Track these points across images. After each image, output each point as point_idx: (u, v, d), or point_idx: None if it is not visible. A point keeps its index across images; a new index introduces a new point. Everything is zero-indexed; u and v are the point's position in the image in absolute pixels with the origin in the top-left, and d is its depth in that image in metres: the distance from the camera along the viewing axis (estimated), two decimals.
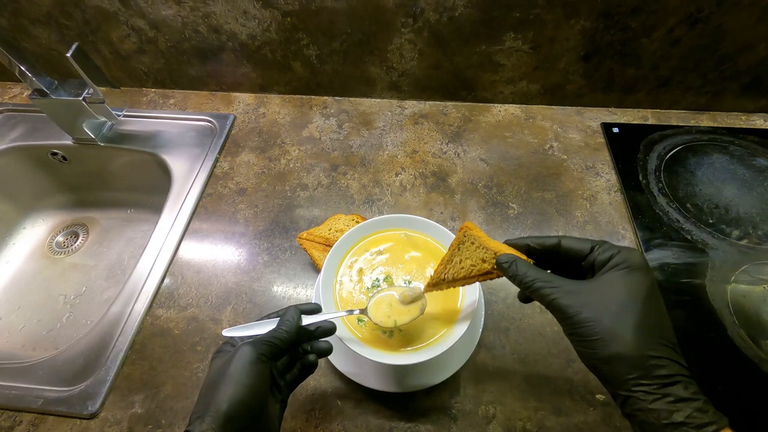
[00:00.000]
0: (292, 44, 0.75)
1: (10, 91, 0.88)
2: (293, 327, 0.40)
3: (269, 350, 0.37)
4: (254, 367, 0.35)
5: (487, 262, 0.38)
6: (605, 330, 0.29)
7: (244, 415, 0.34)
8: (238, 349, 0.37)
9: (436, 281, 0.43)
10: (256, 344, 0.37)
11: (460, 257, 0.40)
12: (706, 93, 0.76)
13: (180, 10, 0.71)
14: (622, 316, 0.29)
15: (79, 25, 0.75)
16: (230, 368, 0.35)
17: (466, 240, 0.40)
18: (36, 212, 0.87)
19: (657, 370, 0.28)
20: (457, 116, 0.81)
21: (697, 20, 0.65)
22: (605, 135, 0.76)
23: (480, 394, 0.50)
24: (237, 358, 0.36)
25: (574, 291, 0.32)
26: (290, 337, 0.39)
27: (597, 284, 0.32)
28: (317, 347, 0.43)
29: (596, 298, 0.31)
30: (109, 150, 0.78)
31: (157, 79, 0.85)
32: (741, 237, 0.62)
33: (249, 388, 0.34)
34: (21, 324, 0.73)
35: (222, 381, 0.34)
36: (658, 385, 0.28)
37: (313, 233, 0.61)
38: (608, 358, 0.29)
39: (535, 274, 0.34)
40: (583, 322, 0.30)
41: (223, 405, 0.33)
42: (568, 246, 0.35)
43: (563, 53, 0.72)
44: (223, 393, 0.34)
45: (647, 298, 0.30)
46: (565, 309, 0.31)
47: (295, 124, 0.80)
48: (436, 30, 0.70)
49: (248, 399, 0.34)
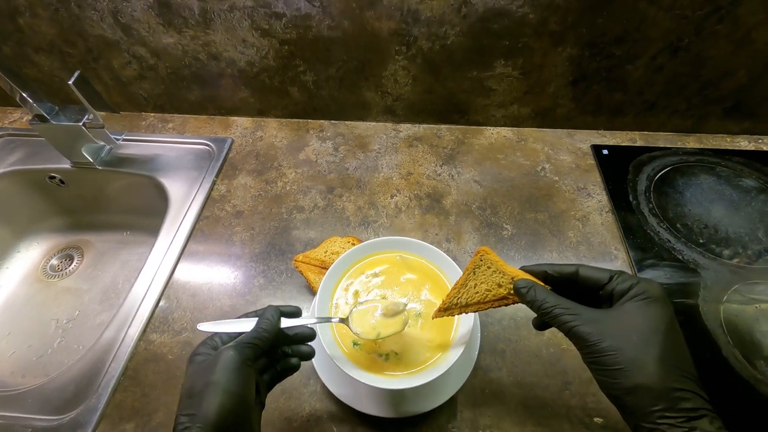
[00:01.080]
0: (289, 70, 0.77)
1: (11, 116, 0.89)
2: (273, 326, 0.39)
3: (253, 353, 0.36)
4: (240, 373, 0.34)
5: (503, 287, 0.38)
6: (628, 360, 0.29)
7: (232, 424, 0.33)
8: (221, 353, 0.35)
9: (447, 306, 0.42)
10: (240, 348, 0.36)
11: (475, 281, 0.40)
12: (691, 116, 0.78)
13: (180, 38, 0.73)
14: (644, 346, 0.30)
15: (81, 53, 0.77)
16: (215, 375, 0.33)
17: (483, 264, 0.40)
18: (31, 235, 0.87)
19: (682, 402, 0.28)
20: (450, 139, 0.83)
21: (678, 48, 0.67)
22: (595, 157, 0.77)
23: (477, 418, 0.50)
24: (222, 365, 0.34)
25: (595, 319, 0.32)
26: (271, 337, 0.38)
27: (617, 314, 0.32)
28: (299, 351, 0.42)
29: (617, 328, 0.31)
30: (107, 173, 0.78)
31: (156, 104, 0.87)
32: (731, 256, 0.63)
33: (237, 396, 0.33)
34: (11, 350, 0.72)
35: (207, 389, 0.33)
36: (684, 419, 0.28)
37: (309, 256, 0.61)
38: (632, 388, 0.29)
39: (555, 300, 0.34)
40: (604, 350, 0.30)
41: (212, 415, 0.32)
42: (587, 275, 0.36)
43: (552, 79, 0.74)
44: (211, 402, 0.32)
45: (669, 330, 0.30)
46: (586, 337, 0.31)
47: (292, 148, 0.82)
48: (429, 57, 0.72)
49: (237, 407, 0.33)
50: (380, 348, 0.47)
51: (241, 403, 0.34)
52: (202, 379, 0.34)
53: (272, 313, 0.40)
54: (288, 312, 0.43)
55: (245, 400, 0.34)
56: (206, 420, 0.31)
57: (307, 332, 0.43)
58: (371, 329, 0.44)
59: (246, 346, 0.36)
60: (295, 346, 0.43)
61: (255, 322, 0.40)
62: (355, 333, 0.44)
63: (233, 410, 0.33)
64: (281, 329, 0.41)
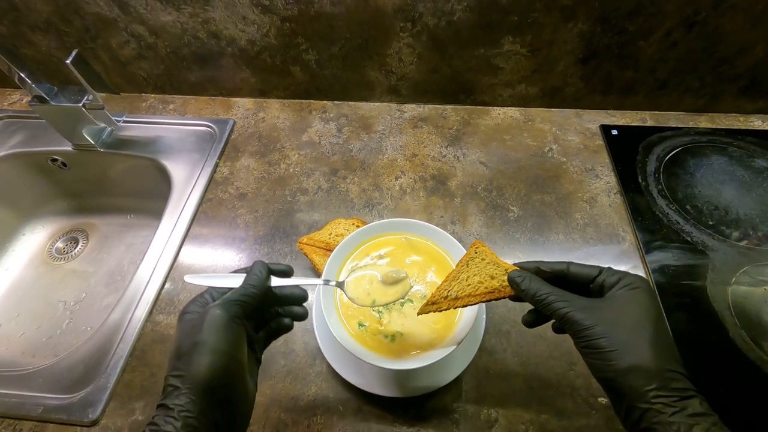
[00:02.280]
0: (291, 49, 0.75)
1: (10, 97, 0.88)
2: (261, 282, 0.38)
3: (241, 310, 0.35)
4: (229, 331, 0.33)
5: (495, 279, 0.38)
6: (622, 342, 0.30)
7: (224, 384, 0.32)
8: (207, 312, 0.34)
9: (436, 299, 0.41)
10: (227, 305, 0.34)
11: (467, 274, 0.40)
12: (704, 95, 0.76)
13: (179, 16, 0.71)
14: (637, 330, 0.31)
15: (78, 31, 0.75)
16: (203, 334, 0.32)
17: (477, 256, 0.40)
18: (35, 218, 0.87)
19: (674, 383, 0.29)
20: (456, 119, 0.81)
21: (694, 23, 0.65)
22: (604, 137, 0.76)
23: (482, 398, 0.50)
24: (209, 323, 0.33)
25: (588, 306, 0.33)
26: (260, 293, 0.37)
27: (609, 302, 0.33)
28: (291, 312, 0.41)
29: (610, 313, 0.32)
30: (109, 156, 0.78)
31: (156, 84, 0.85)
32: (741, 238, 0.62)
33: (227, 355, 0.32)
34: (21, 331, 0.73)
35: (196, 349, 0.32)
36: (677, 398, 0.28)
37: (314, 238, 0.61)
38: (626, 369, 0.29)
39: (548, 288, 0.35)
40: (598, 334, 0.31)
41: (202, 376, 0.31)
42: (577, 271, 0.37)
43: (561, 56, 0.72)
44: (200, 362, 0.31)
45: (657, 317, 0.32)
46: (580, 322, 0.32)
47: (295, 129, 0.81)
48: (434, 34, 0.70)
49: (227, 366, 0.32)
50: (386, 329, 0.47)
51: (232, 361, 0.33)
52: (190, 339, 0.33)
53: (260, 269, 0.39)
54: (278, 270, 0.41)
55: (236, 359, 0.33)
56: (195, 381, 0.31)
57: (298, 293, 0.41)
58: (365, 296, 0.43)
59: (234, 304, 0.35)
60: (288, 306, 0.41)
61: (244, 278, 0.38)
62: (348, 298, 0.43)
63: (223, 369, 0.32)
64: (272, 288, 0.39)
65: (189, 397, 0.30)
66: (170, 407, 0.30)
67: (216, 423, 0.31)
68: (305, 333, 0.55)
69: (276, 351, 0.54)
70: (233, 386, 0.33)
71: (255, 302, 0.36)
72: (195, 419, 0.30)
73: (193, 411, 0.30)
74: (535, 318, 0.39)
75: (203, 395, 0.31)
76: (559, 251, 0.62)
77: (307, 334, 0.55)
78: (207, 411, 0.31)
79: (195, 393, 0.30)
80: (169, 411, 0.30)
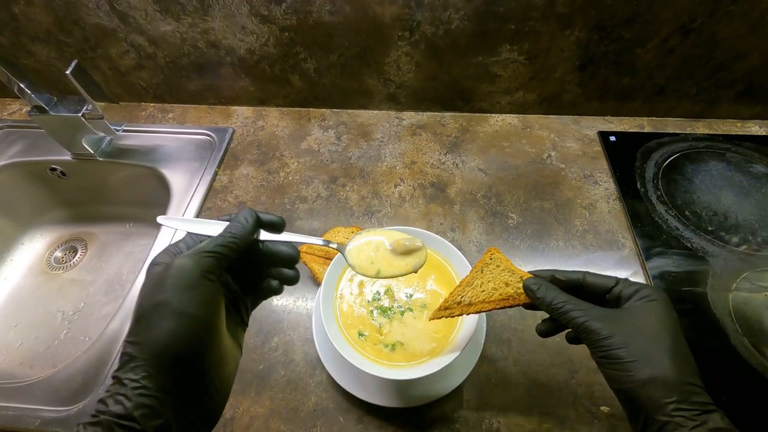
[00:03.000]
0: (290, 58, 0.76)
1: (9, 107, 0.88)
2: (246, 232, 0.31)
3: (216, 264, 0.29)
4: (200, 290, 0.27)
5: (510, 286, 0.38)
6: (641, 353, 0.30)
7: (191, 354, 0.26)
8: (172, 264, 0.27)
9: (449, 304, 0.41)
10: (198, 257, 0.28)
11: (482, 280, 0.40)
12: (701, 101, 0.77)
13: (179, 26, 0.72)
14: (656, 341, 0.30)
15: (78, 42, 0.76)
16: (166, 293, 0.26)
17: (492, 262, 0.40)
18: (34, 228, 0.87)
19: (694, 396, 0.28)
20: (454, 127, 0.81)
21: (690, 30, 0.65)
22: (602, 143, 0.76)
23: (483, 407, 0.50)
24: (173, 278, 0.27)
25: (605, 316, 0.33)
26: (243, 245, 0.31)
27: (626, 312, 0.33)
28: (280, 274, 0.35)
29: (628, 324, 0.32)
30: (108, 165, 0.78)
31: (156, 93, 0.85)
32: (740, 244, 0.62)
33: (195, 318, 0.26)
34: (18, 341, 0.72)
35: (156, 311, 0.26)
36: (698, 411, 0.28)
37: (314, 247, 0.60)
38: (646, 381, 0.29)
39: (565, 297, 0.34)
40: (616, 344, 0.31)
41: (162, 344, 0.25)
42: (593, 281, 0.36)
43: (559, 63, 0.72)
44: (161, 328, 0.25)
45: (676, 330, 0.32)
46: (597, 331, 0.32)
47: (294, 137, 0.81)
48: (432, 43, 0.71)
49: (195, 333, 0.26)
50: (386, 338, 0.46)
51: (202, 327, 0.27)
52: (151, 298, 0.27)
53: (247, 216, 0.32)
54: (267, 221, 0.34)
55: (208, 323, 0.27)
56: (154, 351, 0.25)
57: (286, 252, 0.34)
58: (368, 264, 0.37)
59: (207, 255, 0.28)
60: (279, 269, 0.35)
61: (226, 226, 0.32)
62: (349, 265, 0.37)
63: (190, 336, 0.26)
64: (260, 242, 0.33)
65: (146, 370, 0.25)
66: (123, 382, 0.25)
67: (181, 400, 0.26)
68: (305, 342, 0.55)
69: (275, 361, 0.54)
70: (204, 357, 0.27)
71: (235, 255, 0.30)
72: (152, 398, 0.25)
73: (151, 387, 0.25)
74: (550, 327, 0.38)
75: (164, 368, 0.25)
76: (559, 258, 0.62)
77: (306, 343, 0.55)
78: (169, 387, 0.25)
79: (153, 366, 0.25)
80: (121, 387, 0.25)
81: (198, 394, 0.27)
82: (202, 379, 0.27)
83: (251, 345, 0.55)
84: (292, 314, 0.58)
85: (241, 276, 0.34)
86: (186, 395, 0.26)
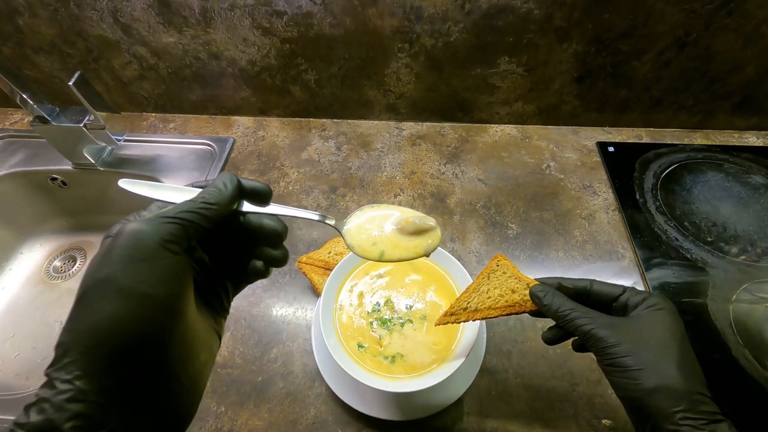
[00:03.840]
0: (290, 69, 0.77)
1: (11, 117, 0.88)
2: (224, 199, 0.25)
3: (181, 233, 0.23)
4: (155, 263, 0.21)
5: (517, 293, 0.38)
6: (649, 362, 0.30)
7: (142, 345, 0.20)
8: (123, 229, 0.22)
9: (455, 310, 0.41)
10: (155, 222, 0.22)
11: (488, 286, 0.40)
12: (698, 112, 0.77)
13: (181, 38, 0.73)
14: (664, 350, 0.30)
15: (81, 53, 0.77)
16: (111, 267, 0.20)
17: (498, 269, 0.41)
18: (34, 237, 0.87)
19: (702, 405, 0.28)
20: (454, 137, 0.82)
21: (685, 43, 0.66)
22: (601, 154, 0.76)
23: (484, 420, 0.49)
24: (122, 248, 0.21)
25: (612, 324, 0.33)
26: (217, 213, 0.25)
27: (633, 321, 0.33)
28: (266, 254, 0.29)
29: (635, 332, 0.32)
30: (109, 174, 0.78)
31: (157, 104, 0.86)
32: (739, 254, 0.62)
33: (147, 298, 0.20)
34: (15, 352, 0.72)
35: (98, 291, 0.20)
36: (706, 421, 0.28)
37: (313, 257, 0.60)
38: (653, 389, 0.29)
39: (572, 304, 0.34)
40: (623, 352, 0.31)
41: (100, 334, 0.19)
42: (599, 289, 0.36)
43: (557, 75, 0.73)
44: (101, 312, 0.19)
45: (683, 339, 0.31)
46: (605, 339, 0.32)
47: (294, 147, 0.81)
48: (432, 54, 0.72)
49: (148, 317, 0.20)
50: (386, 351, 0.46)
51: (159, 310, 0.21)
52: (93, 274, 0.21)
53: (226, 181, 0.26)
54: (251, 189, 0.28)
55: (167, 306, 0.21)
56: (90, 340, 0.19)
57: (271, 227, 0.29)
58: (370, 245, 0.32)
59: (170, 222, 0.23)
60: (264, 249, 0.30)
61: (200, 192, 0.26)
62: (347, 246, 0.32)
63: (141, 322, 0.20)
64: (241, 213, 0.28)
65: (81, 367, 0.19)
66: (53, 383, 0.19)
67: (132, 404, 0.20)
68: (304, 354, 0.55)
69: (274, 372, 0.53)
70: (164, 347, 0.21)
71: (208, 225, 0.24)
72: (89, 403, 0.19)
73: (87, 390, 0.19)
74: (556, 335, 0.38)
75: (105, 364, 0.19)
76: (559, 268, 0.62)
77: (306, 355, 0.55)
78: (113, 388, 0.19)
79: (90, 361, 0.19)
80: (50, 390, 0.19)
81: (157, 394, 0.21)
82: (161, 376, 0.21)
83: (250, 356, 0.55)
84: (291, 325, 0.58)
85: (220, 255, 0.28)
86: (139, 397, 0.20)
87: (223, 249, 0.29)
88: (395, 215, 0.33)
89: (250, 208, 0.28)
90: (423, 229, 0.32)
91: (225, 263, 0.29)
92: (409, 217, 0.32)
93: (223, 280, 0.29)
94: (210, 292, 0.28)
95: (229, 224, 0.28)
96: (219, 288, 0.29)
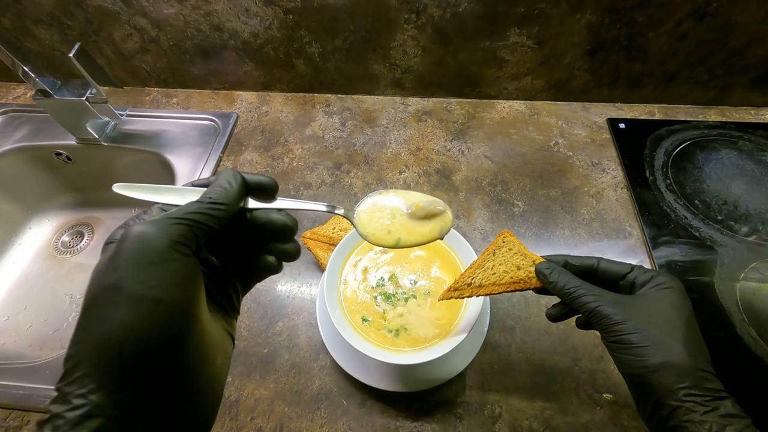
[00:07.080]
0: (294, 42, 0.75)
1: (14, 91, 0.88)
2: (230, 198, 0.25)
3: (191, 234, 0.22)
4: (166, 267, 0.20)
5: (522, 269, 0.38)
6: (654, 339, 0.30)
7: (158, 354, 0.19)
8: (128, 234, 0.21)
9: (459, 286, 0.41)
10: (163, 224, 0.21)
11: (493, 263, 0.40)
12: (713, 87, 0.75)
13: (182, 8, 0.71)
14: (670, 328, 0.30)
15: (81, 24, 0.75)
16: (119, 272, 0.19)
17: (504, 245, 0.40)
18: (41, 212, 0.87)
19: (706, 382, 0.29)
20: (461, 113, 0.80)
21: (705, 14, 0.63)
22: (611, 131, 0.75)
23: (486, 394, 0.50)
24: (129, 252, 0.20)
25: (618, 301, 0.32)
26: (225, 214, 0.24)
27: (640, 299, 0.33)
28: (277, 249, 0.29)
29: (642, 310, 0.32)
30: (113, 150, 0.78)
31: (159, 78, 0.85)
32: (749, 233, 0.61)
33: (160, 304, 0.20)
34: (28, 324, 0.74)
35: (106, 299, 0.19)
36: (710, 397, 0.28)
37: (317, 232, 0.60)
38: (658, 366, 0.29)
39: (578, 282, 0.34)
40: (629, 329, 0.31)
41: (112, 344, 0.19)
42: (607, 267, 0.36)
43: (568, 48, 0.71)
44: (112, 321, 0.19)
45: (690, 318, 0.31)
46: (610, 316, 0.31)
47: (298, 123, 0.80)
48: (439, 26, 0.69)
49: (162, 324, 0.20)
50: (389, 324, 0.47)
51: (173, 316, 0.20)
52: (100, 281, 0.20)
53: (230, 179, 0.25)
54: (256, 184, 0.27)
55: (181, 311, 0.21)
56: (101, 352, 0.19)
57: (281, 222, 0.28)
58: (385, 233, 0.31)
59: (177, 223, 0.22)
60: (277, 245, 0.29)
61: (204, 192, 0.25)
62: (361, 235, 0.32)
63: (154, 330, 0.19)
64: (247, 210, 0.27)
65: (95, 380, 0.18)
66: (67, 398, 0.18)
67: (151, 416, 0.20)
68: (309, 327, 0.55)
69: (280, 345, 0.54)
70: (180, 355, 0.20)
71: (217, 226, 0.24)
72: (106, 418, 0.18)
73: (103, 404, 0.18)
74: (560, 312, 0.38)
75: (119, 376, 0.19)
76: (565, 246, 0.62)
77: (310, 328, 0.55)
78: (129, 401, 0.19)
79: (104, 373, 0.18)
80: (64, 405, 0.18)
81: (175, 404, 0.21)
82: (178, 384, 0.21)
83: (255, 329, 0.55)
84: (296, 299, 0.58)
85: (226, 254, 0.28)
86: (156, 408, 0.20)
87: (231, 248, 0.28)
88: (404, 200, 0.32)
89: (256, 204, 0.27)
90: (433, 213, 0.32)
91: (233, 263, 0.28)
92: (419, 201, 0.32)
93: (232, 280, 0.28)
94: (220, 293, 0.27)
95: (236, 222, 0.26)
96: (229, 288, 0.28)
